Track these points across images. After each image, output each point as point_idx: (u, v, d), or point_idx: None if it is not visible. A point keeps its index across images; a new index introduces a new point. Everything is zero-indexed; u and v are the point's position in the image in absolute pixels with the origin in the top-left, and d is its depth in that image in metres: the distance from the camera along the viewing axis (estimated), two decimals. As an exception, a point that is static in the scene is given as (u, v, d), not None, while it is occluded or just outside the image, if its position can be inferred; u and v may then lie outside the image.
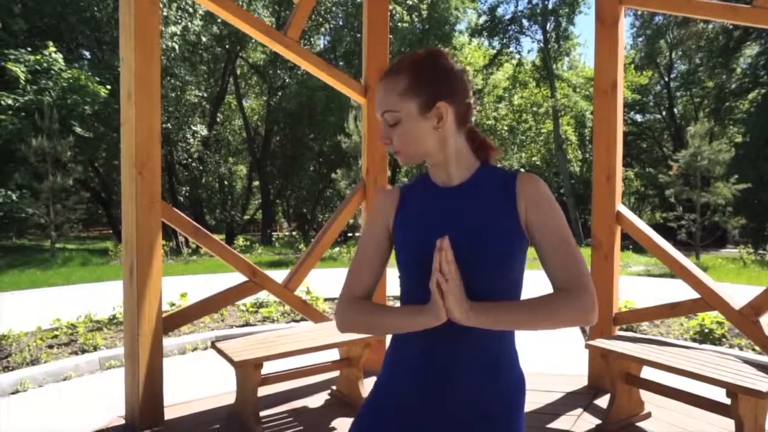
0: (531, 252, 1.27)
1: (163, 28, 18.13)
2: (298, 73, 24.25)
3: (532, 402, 3.77)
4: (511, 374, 1.26)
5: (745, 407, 2.75)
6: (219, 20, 21.61)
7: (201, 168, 25.50)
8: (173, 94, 20.53)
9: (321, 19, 25.26)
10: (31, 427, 3.90)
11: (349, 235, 23.11)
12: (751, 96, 26.46)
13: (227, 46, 23.89)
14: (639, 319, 3.95)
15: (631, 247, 17.95)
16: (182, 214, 3.64)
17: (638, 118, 33.66)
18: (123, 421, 3.43)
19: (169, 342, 5.59)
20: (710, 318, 6.09)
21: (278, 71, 24.76)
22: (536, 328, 1.15)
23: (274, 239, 23.81)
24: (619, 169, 3.92)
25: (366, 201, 4.36)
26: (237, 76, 26.84)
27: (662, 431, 3.34)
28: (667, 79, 31.87)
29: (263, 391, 3.87)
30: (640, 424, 3.46)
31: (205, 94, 24.93)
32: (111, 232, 25.42)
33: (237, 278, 3.98)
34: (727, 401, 2.83)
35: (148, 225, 3.31)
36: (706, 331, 5.90)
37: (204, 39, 21.48)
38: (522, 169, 31.40)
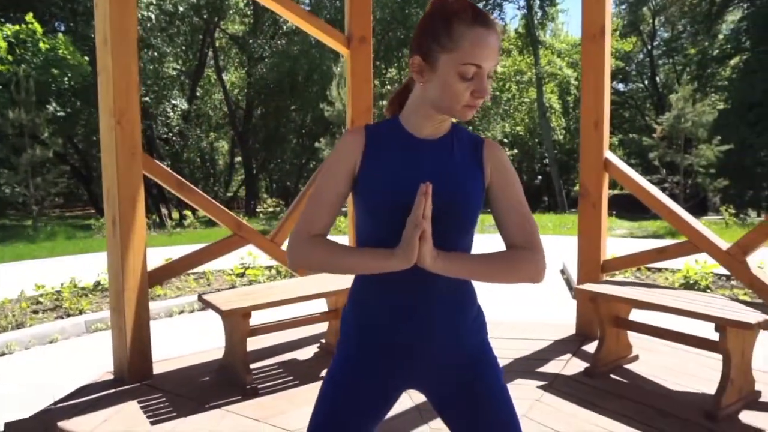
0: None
1: (139, -3, 17.64)
2: (278, 43, 23.83)
3: (522, 349, 3.80)
4: (474, 308, 1.35)
5: (733, 341, 2.78)
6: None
7: (182, 143, 25.10)
8: (151, 67, 20.07)
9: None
10: (19, 383, 3.85)
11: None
12: (733, 62, 26.54)
13: (205, 16, 23.31)
14: (627, 265, 3.97)
15: (614, 212, 18.14)
16: (164, 167, 3.56)
17: (621, 87, 33.68)
18: (112, 377, 3.39)
19: (156, 305, 5.54)
20: (694, 270, 6.18)
21: (258, 40, 24.25)
22: (491, 281, 1.23)
23: (258, 212, 23.66)
24: (606, 115, 3.89)
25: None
26: (216, 48, 26.26)
27: (649, 372, 3.39)
28: (650, 47, 31.83)
29: (252, 345, 3.85)
30: (628, 366, 3.50)
31: (184, 68, 24.40)
32: (93, 211, 25.05)
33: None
34: (715, 337, 2.86)
35: (129, 176, 3.23)
36: (691, 282, 5.98)
37: (181, 9, 20.93)
38: (505, 140, 31.42)
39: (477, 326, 1.35)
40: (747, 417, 2.77)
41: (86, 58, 15.71)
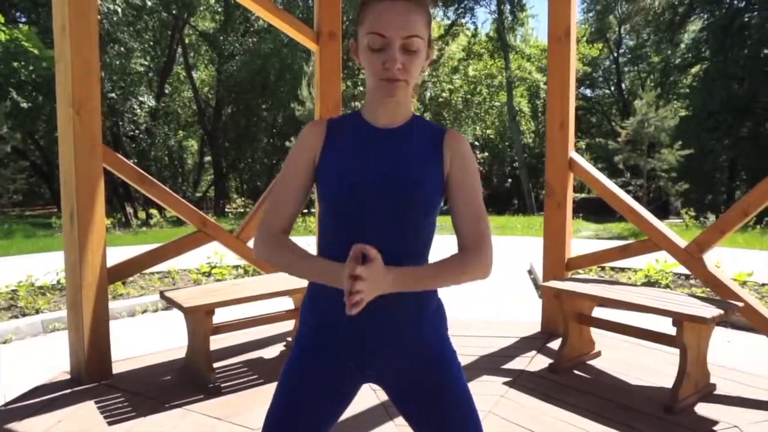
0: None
1: (105, -10, 17.23)
2: (250, 41, 23.57)
3: (488, 346, 3.83)
4: (434, 303, 1.33)
5: (690, 335, 2.85)
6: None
7: (149, 141, 24.60)
8: (117, 62, 19.61)
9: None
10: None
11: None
12: (693, 70, 27.35)
13: (174, 12, 22.91)
14: (591, 262, 4.04)
15: (581, 215, 18.47)
16: (125, 160, 3.47)
17: (588, 92, 34.35)
18: (68, 376, 3.29)
19: (118, 304, 5.41)
20: (655, 269, 6.32)
21: (230, 36, 23.92)
22: (443, 286, 1.24)
23: (227, 212, 23.35)
24: (571, 116, 3.96)
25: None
26: (185, 45, 25.84)
27: (611, 367, 3.45)
28: (616, 54, 32.55)
29: (217, 344, 3.79)
30: (590, 362, 3.56)
31: (152, 65, 23.92)
32: (56, 209, 24.36)
33: (195, 249, 3.85)
34: (673, 332, 2.93)
35: (88, 169, 3.13)
36: (652, 281, 6.12)
37: (149, 3, 20.51)
38: (476, 143, 31.69)
39: (436, 321, 1.33)
40: (702, 409, 2.85)
41: (51, 51, 15.27)
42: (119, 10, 18.17)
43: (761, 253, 9.35)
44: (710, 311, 2.80)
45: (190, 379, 3.23)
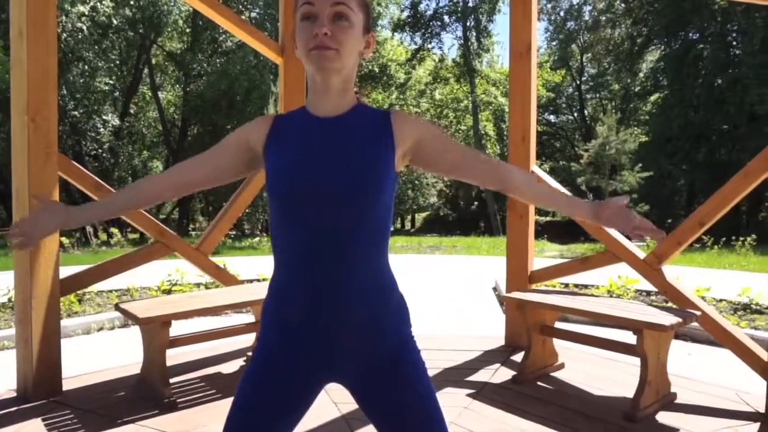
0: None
1: (70, 8, 16.99)
2: (217, 61, 23.48)
3: (453, 360, 3.80)
4: (394, 297, 1.30)
5: (649, 343, 2.88)
6: (132, 1, 20.56)
7: (113, 160, 24.10)
8: (81, 80, 19.28)
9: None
10: None
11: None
12: (652, 98, 28.38)
13: (141, 32, 22.71)
14: (553, 275, 4.07)
15: (546, 236, 18.78)
16: (82, 168, 3.37)
17: (552, 118, 35.25)
18: (14, 394, 3.13)
19: (72, 321, 5.21)
20: (617, 285, 6.43)
21: (198, 56, 23.77)
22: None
23: (191, 231, 22.93)
24: (533, 130, 4.03)
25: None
26: (152, 65, 25.58)
27: (573, 378, 3.47)
28: (578, 81, 33.58)
29: (174, 359, 3.67)
30: (553, 373, 3.57)
31: (117, 84, 23.58)
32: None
33: (155, 267, 3.74)
34: (634, 342, 2.96)
35: (42, 177, 3.04)
36: (614, 297, 6.21)
37: (116, 22, 20.31)
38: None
39: (399, 318, 1.31)
40: (663, 418, 2.87)
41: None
42: (84, 28, 17.91)
43: (719, 271, 9.62)
44: (669, 319, 2.85)
45: (145, 394, 3.11)
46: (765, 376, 2.96)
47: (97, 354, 4.53)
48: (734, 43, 22.33)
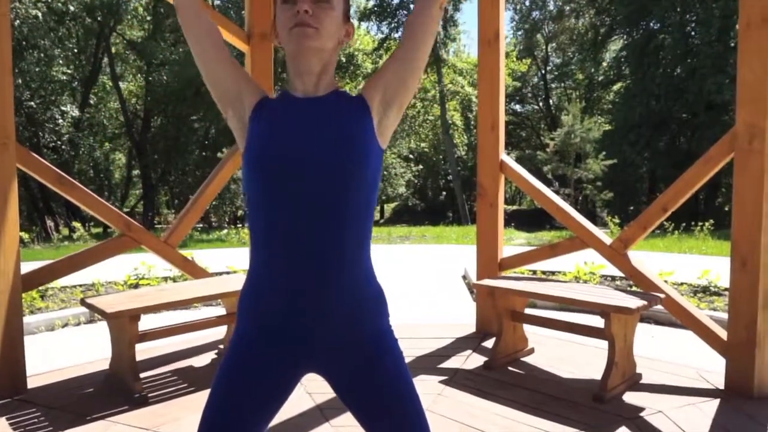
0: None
1: (24, -7, 16.34)
2: (180, 50, 22.94)
3: (425, 348, 3.83)
4: (374, 286, 1.31)
5: (616, 326, 2.96)
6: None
7: (72, 152, 23.38)
8: (37, 69, 18.60)
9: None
10: None
11: (241, 216, 22.40)
12: (615, 87, 28.93)
13: (99, 19, 22.00)
14: (523, 261, 4.13)
15: (513, 225, 19.04)
16: (42, 159, 3.26)
17: (518, 108, 35.64)
18: (-25, 393, 3.03)
19: (35, 318, 5.06)
20: (583, 271, 6.57)
21: (160, 44, 23.17)
22: None
23: (157, 225, 22.47)
24: (502, 118, 4.06)
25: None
26: (112, 54, 24.83)
27: (543, 362, 3.54)
28: (543, 71, 34.00)
29: (144, 354, 3.61)
30: (524, 358, 3.63)
31: (76, 74, 22.84)
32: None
33: (120, 261, 3.64)
34: (602, 326, 3.03)
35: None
36: (581, 283, 6.34)
37: (72, 8, 19.62)
38: (411, 156, 32.09)
39: (377, 311, 1.31)
40: (630, 397, 2.96)
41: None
42: (39, 15, 17.26)
43: (680, 255, 9.91)
44: (635, 302, 2.93)
45: (115, 390, 3.05)
46: (724, 354, 3.07)
47: (63, 351, 4.42)
48: (693, 33, 22.89)
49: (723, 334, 3.10)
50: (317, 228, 1.19)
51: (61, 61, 20.37)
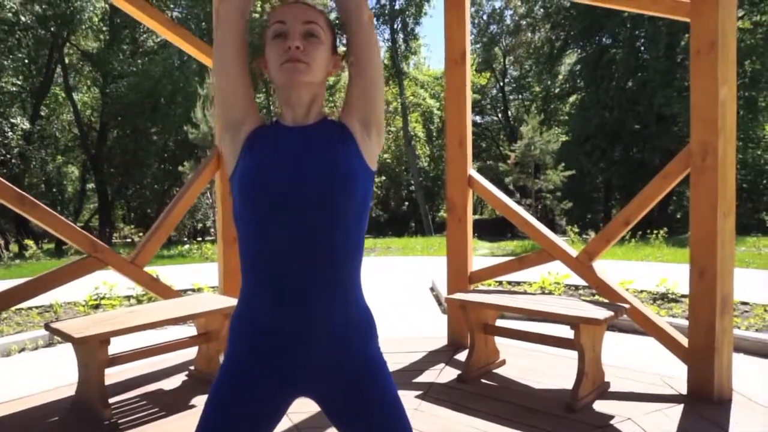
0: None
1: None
2: (138, 62, 22.50)
3: (399, 362, 3.85)
4: (359, 307, 1.31)
5: (585, 336, 3.05)
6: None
7: (23, 166, 22.55)
8: (-15, 80, 17.95)
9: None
10: None
11: (201, 230, 21.95)
12: (571, 99, 29.82)
13: (52, 29, 21.39)
14: (492, 274, 4.21)
15: (476, 234, 19.28)
16: (2, 179, 3.16)
17: (478, 119, 36.31)
18: (-70, 426, 2.89)
19: (-11, 343, 4.85)
20: (549, 282, 6.72)
21: (118, 56, 22.66)
22: None
23: (114, 241, 21.84)
24: (469, 135, 4.15)
25: (220, 171, 4.14)
26: (65, 65, 24.15)
27: (515, 374, 3.60)
28: (502, 83, 34.76)
29: (112, 378, 3.51)
30: (496, 370, 3.69)
31: (26, 85, 22.11)
32: None
33: (79, 279, 3.54)
34: (571, 336, 3.11)
35: (-42, 190, 2.82)
36: (547, 292, 6.49)
37: (24, 18, 19.02)
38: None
39: (367, 334, 1.33)
40: (600, 406, 3.04)
41: None
42: (-12, 24, 16.68)
43: (638, 263, 10.24)
44: (602, 313, 3.02)
45: (83, 417, 2.96)
46: (686, 361, 3.19)
47: (22, 378, 4.25)
48: (642, 48, 23.82)
49: (684, 341, 3.23)
50: (308, 252, 1.21)
51: (10, 72, 19.69)
